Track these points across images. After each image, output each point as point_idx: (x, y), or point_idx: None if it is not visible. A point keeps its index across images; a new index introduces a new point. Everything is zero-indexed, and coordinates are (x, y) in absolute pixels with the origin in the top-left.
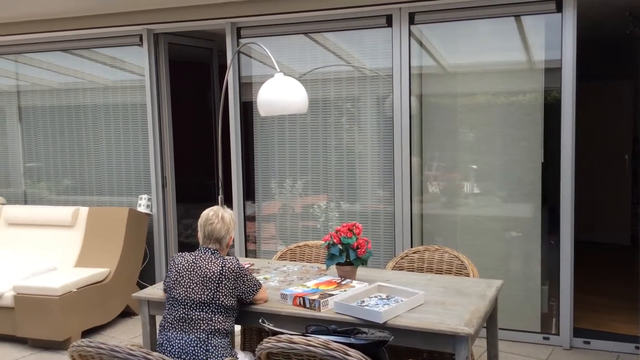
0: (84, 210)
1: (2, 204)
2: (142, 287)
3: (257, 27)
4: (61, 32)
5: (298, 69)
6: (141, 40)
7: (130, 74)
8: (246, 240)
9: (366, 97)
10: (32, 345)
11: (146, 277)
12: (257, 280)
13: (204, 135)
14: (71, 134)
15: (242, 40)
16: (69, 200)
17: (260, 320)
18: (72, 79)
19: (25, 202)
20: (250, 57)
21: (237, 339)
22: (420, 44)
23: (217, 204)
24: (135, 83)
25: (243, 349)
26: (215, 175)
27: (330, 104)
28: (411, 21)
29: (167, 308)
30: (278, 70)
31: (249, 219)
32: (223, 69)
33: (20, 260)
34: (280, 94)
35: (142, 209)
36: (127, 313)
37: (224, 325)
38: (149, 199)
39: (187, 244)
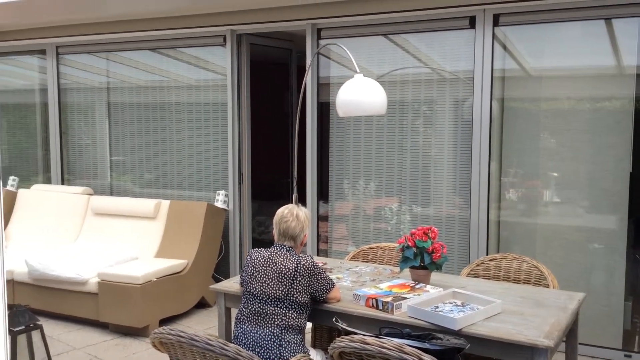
0: (165, 204)
1: (90, 194)
2: (217, 280)
3: (337, 28)
4: (149, 32)
5: (376, 70)
6: (225, 40)
7: (212, 73)
8: (318, 240)
9: (444, 100)
10: (112, 330)
11: (221, 271)
12: (331, 279)
13: (279, 134)
14: (155, 130)
15: (322, 42)
16: (151, 193)
17: (334, 319)
18: (158, 77)
19: (111, 194)
20: (329, 58)
21: (308, 337)
22: (504, 46)
23: (291, 203)
24: (217, 82)
25: (314, 346)
26: (290, 174)
27: (408, 106)
28: (495, 23)
29: (243, 301)
30: (358, 71)
31: (321, 218)
32: (301, 69)
33: (104, 249)
34: (359, 95)
35: (219, 204)
36: (202, 304)
37: (297, 322)
38: (226, 195)
39: (260, 240)
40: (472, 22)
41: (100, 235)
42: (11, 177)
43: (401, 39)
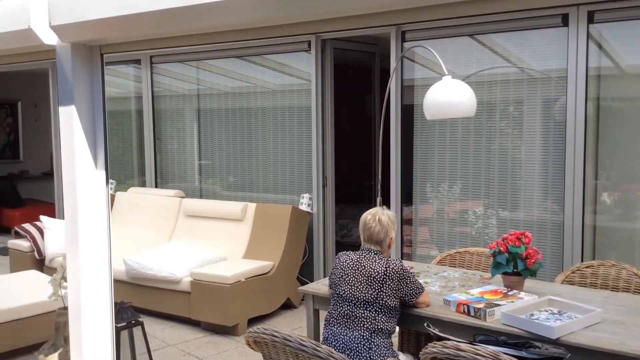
0: (252, 206)
1: (182, 197)
2: (301, 282)
3: (422, 31)
4: (238, 42)
5: (462, 71)
6: (309, 46)
7: (296, 78)
8: (402, 243)
9: (535, 100)
10: (204, 327)
11: (305, 273)
12: (420, 283)
13: (362, 137)
14: (242, 135)
15: (406, 44)
16: (237, 196)
17: (425, 324)
18: (244, 83)
19: (200, 197)
20: (413, 60)
21: (395, 340)
22: (599, 44)
23: (375, 206)
24: (301, 87)
25: (400, 350)
26: (374, 177)
27: (495, 107)
28: (590, 20)
29: (332, 304)
30: (446, 73)
31: (405, 222)
32: (384, 72)
33: (195, 249)
34: (448, 97)
35: (303, 207)
36: (287, 305)
37: (386, 325)
38: (310, 198)
39: (343, 243)
40: (564, 20)
41: (191, 236)
42: (109, 181)
43: (488, 38)
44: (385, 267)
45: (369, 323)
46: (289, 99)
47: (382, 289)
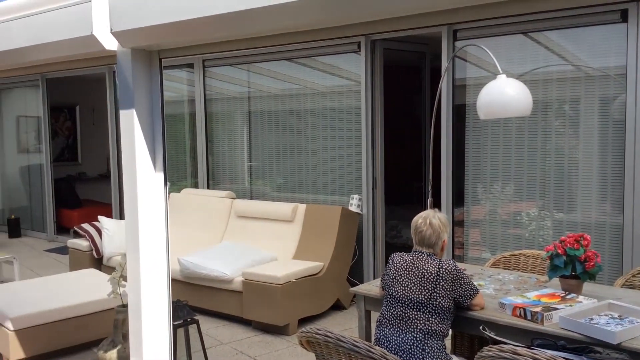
0: (302, 207)
1: (233, 198)
2: (351, 283)
3: (474, 29)
4: (288, 45)
5: (516, 69)
6: (359, 47)
7: (345, 79)
8: (453, 246)
9: (592, 99)
10: (255, 327)
11: (355, 274)
12: (474, 285)
13: (412, 138)
14: (292, 136)
15: (458, 43)
16: (287, 197)
17: (480, 327)
18: (294, 85)
19: (251, 198)
20: (464, 60)
21: (447, 343)
22: None
23: (426, 208)
24: (351, 88)
25: (454, 353)
26: (424, 178)
27: (551, 106)
28: None
29: (384, 305)
30: (500, 71)
31: (456, 223)
32: (434, 71)
33: (246, 249)
34: (503, 96)
35: (353, 208)
36: (337, 306)
37: (440, 327)
38: (360, 199)
39: (392, 244)
40: (624, 16)
41: (242, 237)
42: None
43: (542, 36)
44: (438, 268)
45: (422, 324)
46: (338, 100)
47: (435, 289)
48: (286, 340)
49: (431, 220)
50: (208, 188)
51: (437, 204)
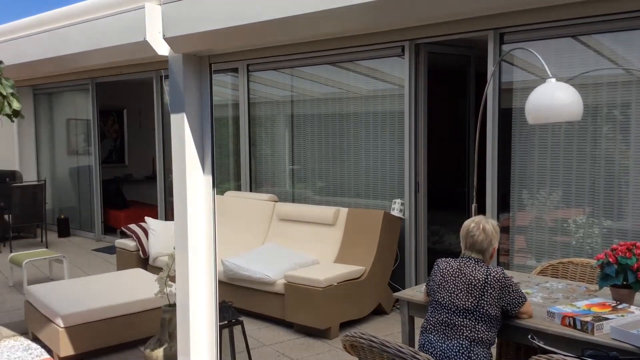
0: (343, 211)
1: (275, 201)
2: (392, 288)
3: (521, 32)
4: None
5: (565, 73)
6: (403, 51)
7: (388, 83)
8: (498, 252)
9: None
10: (297, 329)
11: (396, 279)
12: (523, 293)
13: (456, 142)
14: (334, 140)
15: (505, 47)
16: (329, 201)
17: (529, 336)
18: (335, 89)
19: (293, 201)
20: (511, 63)
21: (492, 351)
22: None
23: (469, 213)
24: (394, 92)
25: None
26: (468, 183)
27: (600, 111)
28: None
29: (429, 311)
30: (550, 75)
31: (502, 230)
32: (479, 75)
33: (288, 252)
34: (552, 100)
35: (395, 212)
36: (378, 311)
37: (486, 335)
38: (402, 204)
39: (434, 249)
40: None
41: (284, 239)
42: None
43: (592, 39)
44: (486, 275)
45: (469, 332)
46: (381, 104)
47: (482, 297)
48: (327, 343)
49: (484, 225)
50: (250, 191)
51: (481, 210)
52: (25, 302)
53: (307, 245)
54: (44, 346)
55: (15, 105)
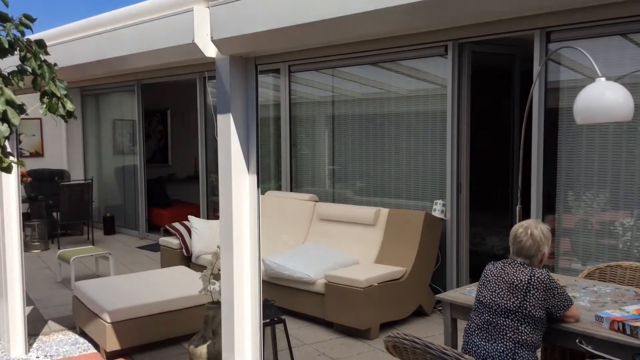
0: (384, 211)
1: (316, 201)
2: (433, 289)
3: (568, 31)
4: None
5: (613, 72)
6: (446, 50)
7: (430, 83)
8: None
9: None
10: (337, 329)
11: (438, 281)
12: (569, 296)
13: (499, 142)
14: (375, 140)
15: (552, 45)
16: (369, 201)
17: (577, 341)
18: (376, 89)
19: (333, 201)
20: (558, 63)
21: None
22: None
23: (513, 215)
24: (436, 92)
25: None
26: (513, 184)
27: None
28: None
29: (473, 311)
30: (600, 74)
31: None
32: (524, 74)
33: (328, 252)
34: (602, 100)
35: (436, 213)
36: (419, 312)
37: (531, 338)
38: (444, 205)
39: (477, 251)
40: None
41: (324, 239)
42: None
43: None
44: (530, 276)
45: (512, 333)
46: (423, 104)
47: (525, 297)
48: (367, 344)
49: (532, 230)
50: (291, 191)
51: (526, 211)
52: (73, 298)
53: (347, 245)
54: (90, 341)
55: (69, 106)
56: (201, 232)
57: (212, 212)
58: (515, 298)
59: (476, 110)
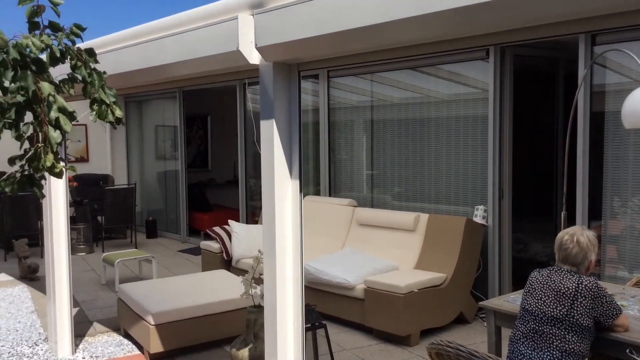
0: (424, 217)
1: (354, 206)
2: (475, 296)
3: (615, 33)
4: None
5: None
6: (487, 54)
7: (471, 87)
8: None
9: None
10: (376, 335)
11: (479, 288)
12: (617, 305)
13: (543, 147)
14: (414, 145)
15: (597, 48)
16: (408, 207)
17: (627, 351)
18: (415, 94)
19: (372, 206)
20: (604, 66)
21: None
22: None
23: (557, 221)
24: (477, 96)
25: None
26: (556, 189)
27: None
28: None
29: (517, 319)
30: None
31: None
32: (568, 77)
33: (367, 257)
34: None
35: (478, 219)
36: (459, 320)
37: (578, 347)
38: (485, 210)
39: (519, 258)
40: None
41: (363, 244)
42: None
43: None
44: (577, 284)
45: (559, 342)
46: (464, 108)
47: (573, 306)
48: (408, 350)
49: (579, 237)
50: (329, 195)
51: (571, 217)
52: (117, 300)
53: (386, 251)
54: (134, 342)
55: (118, 113)
56: (241, 236)
57: (251, 217)
58: (562, 306)
59: (518, 113)
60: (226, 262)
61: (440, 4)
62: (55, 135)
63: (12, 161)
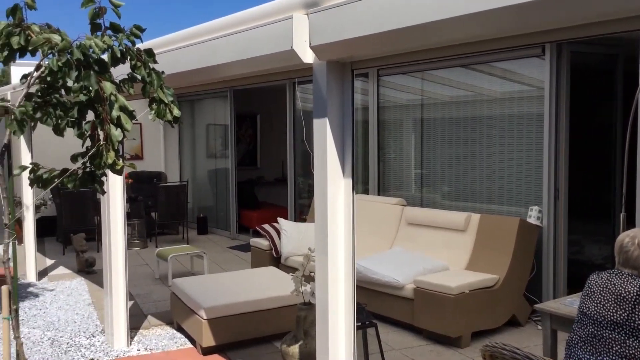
0: (475, 217)
1: (404, 205)
2: (528, 299)
3: None
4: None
5: None
6: (543, 51)
7: (525, 85)
8: None
9: None
10: (425, 336)
11: (533, 290)
12: None
13: (601, 146)
14: (465, 144)
15: None
16: (459, 206)
17: None
18: (467, 92)
19: (421, 205)
20: None
21: None
22: None
23: (615, 223)
24: (532, 93)
25: None
26: (618, 190)
27: None
28: None
29: (575, 323)
30: None
31: None
32: (628, 75)
33: (417, 257)
34: None
35: (532, 220)
36: (512, 322)
37: (639, 353)
38: (540, 211)
39: (575, 260)
40: None
41: (412, 244)
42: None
43: None
44: (639, 288)
45: (619, 347)
46: (518, 106)
47: (634, 310)
48: (459, 352)
49: None
50: (378, 194)
51: (630, 219)
52: (171, 294)
53: (436, 251)
54: (187, 336)
55: (176, 112)
56: (290, 234)
57: (299, 215)
58: (623, 310)
59: (575, 112)
60: (275, 259)
61: (497, 1)
62: (116, 133)
63: (74, 158)
